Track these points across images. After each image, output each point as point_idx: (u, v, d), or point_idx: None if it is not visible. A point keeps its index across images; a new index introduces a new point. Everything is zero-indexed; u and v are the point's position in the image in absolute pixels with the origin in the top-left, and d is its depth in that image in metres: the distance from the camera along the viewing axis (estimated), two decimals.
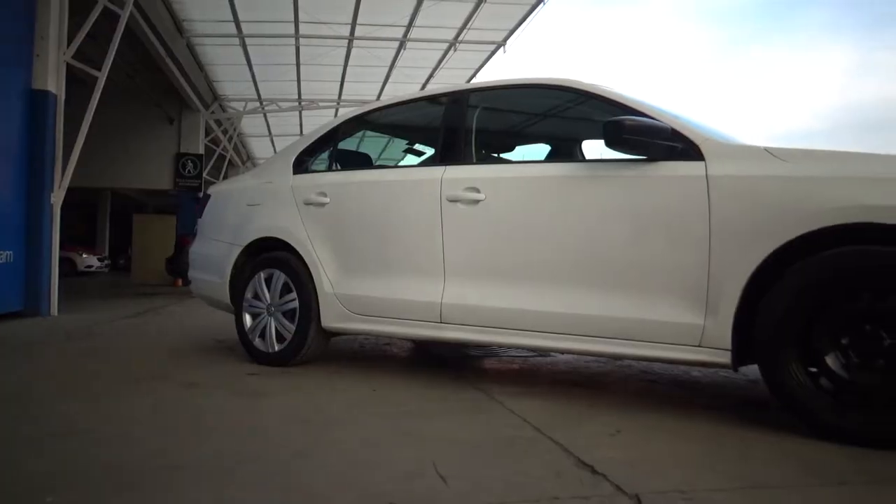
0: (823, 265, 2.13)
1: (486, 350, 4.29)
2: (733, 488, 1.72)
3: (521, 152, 3.95)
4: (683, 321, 2.40)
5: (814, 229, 2.15)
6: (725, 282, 2.31)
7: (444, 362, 3.91)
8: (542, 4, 10.13)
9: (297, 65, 12.59)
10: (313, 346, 3.51)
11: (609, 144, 2.54)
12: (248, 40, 11.27)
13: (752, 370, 2.46)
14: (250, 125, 18.10)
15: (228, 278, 3.86)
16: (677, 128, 2.54)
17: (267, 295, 3.63)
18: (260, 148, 21.68)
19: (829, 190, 2.17)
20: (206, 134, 15.33)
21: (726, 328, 2.30)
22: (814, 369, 2.16)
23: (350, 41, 11.40)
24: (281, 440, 2.17)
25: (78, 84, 8.05)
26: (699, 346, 2.36)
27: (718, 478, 1.79)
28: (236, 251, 3.83)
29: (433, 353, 4.22)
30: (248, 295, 3.71)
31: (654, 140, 2.49)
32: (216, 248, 4.02)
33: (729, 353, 2.31)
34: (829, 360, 2.13)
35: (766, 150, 2.38)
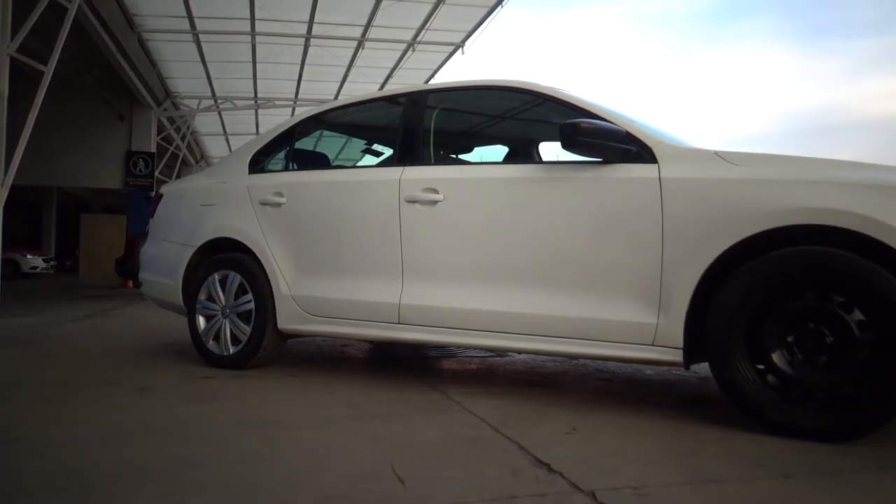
0: (770, 265, 2.20)
1: (445, 350, 4.30)
2: (684, 483, 1.76)
3: (480, 153, 3.97)
4: (637, 321, 2.45)
5: (761, 231, 2.22)
6: (677, 282, 2.37)
7: (403, 363, 3.90)
8: (499, 7, 10.23)
9: (253, 62, 12.41)
10: (269, 348, 3.46)
11: (565, 146, 2.57)
12: (202, 37, 11.05)
13: (702, 368, 2.53)
14: (204, 123, 17.75)
15: (181, 280, 3.78)
16: (631, 131, 2.59)
17: (221, 297, 3.56)
18: (214, 147, 21.28)
19: (775, 193, 2.25)
20: (159, 132, 14.96)
21: (678, 327, 2.36)
22: (761, 366, 2.24)
23: (307, 39, 11.29)
24: (235, 444, 2.13)
25: (23, 79, 7.77)
26: (652, 344, 2.42)
27: (670, 473, 1.84)
28: (189, 252, 3.75)
29: (391, 355, 4.20)
30: (202, 297, 3.64)
31: (608, 143, 2.53)
32: (169, 249, 3.93)
33: (681, 352, 2.36)
34: (776, 358, 2.20)
35: (716, 153, 2.44)
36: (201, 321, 3.63)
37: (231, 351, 3.49)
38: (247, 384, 3.12)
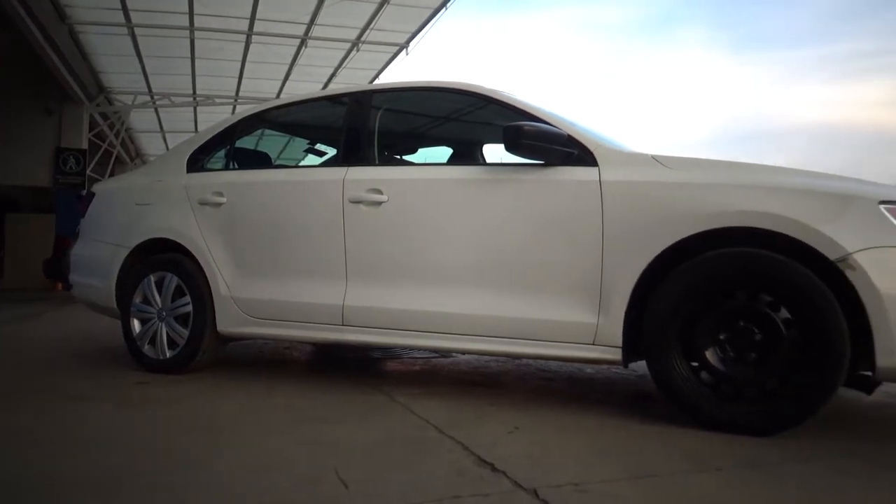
0: (704, 266, 2.29)
1: (389, 352, 4.28)
2: (623, 478, 1.81)
3: (424, 154, 3.97)
4: (578, 320, 2.50)
5: (696, 232, 2.30)
6: (616, 282, 2.43)
7: (346, 365, 3.86)
8: (444, 9, 10.25)
9: (192, 58, 12.04)
10: (208, 351, 3.37)
11: (508, 149, 2.61)
12: (137, 30, 10.66)
13: (640, 366, 2.60)
14: (140, 120, 17.14)
15: (115, 282, 3.64)
16: (573, 134, 2.64)
17: (158, 299, 3.45)
18: (151, 144, 20.56)
19: (709, 196, 2.33)
20: (91, 128, 14.34)
21: (617, 327, 2.42)
22: (695, 364, 2.32)
23: (248, 36, 11.04)
24: (172, 451, 2.07)
25: None
26: (593, 344, 2.47)
27: (610, 469, 1.88)
28: (123, 253, 3.62)
29: (334, 357, 4.16)
30: (137, 299, 3.51)
31: (551, 145, 2.58)
32: (101, 250, 3.78)
33: (620, 351, 2.43)
34: (709, 355, 2.28)
35: (654, 157, 2.52)
36: (136, 324, 3.51)
37: (168, 355, 3.38)
38: (184, 389, 3.04)
